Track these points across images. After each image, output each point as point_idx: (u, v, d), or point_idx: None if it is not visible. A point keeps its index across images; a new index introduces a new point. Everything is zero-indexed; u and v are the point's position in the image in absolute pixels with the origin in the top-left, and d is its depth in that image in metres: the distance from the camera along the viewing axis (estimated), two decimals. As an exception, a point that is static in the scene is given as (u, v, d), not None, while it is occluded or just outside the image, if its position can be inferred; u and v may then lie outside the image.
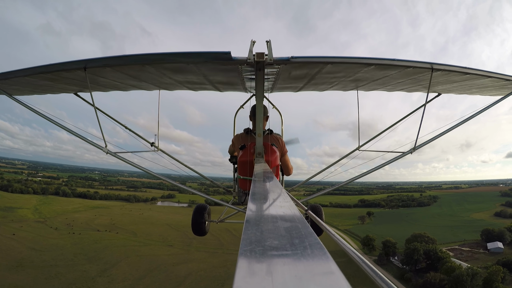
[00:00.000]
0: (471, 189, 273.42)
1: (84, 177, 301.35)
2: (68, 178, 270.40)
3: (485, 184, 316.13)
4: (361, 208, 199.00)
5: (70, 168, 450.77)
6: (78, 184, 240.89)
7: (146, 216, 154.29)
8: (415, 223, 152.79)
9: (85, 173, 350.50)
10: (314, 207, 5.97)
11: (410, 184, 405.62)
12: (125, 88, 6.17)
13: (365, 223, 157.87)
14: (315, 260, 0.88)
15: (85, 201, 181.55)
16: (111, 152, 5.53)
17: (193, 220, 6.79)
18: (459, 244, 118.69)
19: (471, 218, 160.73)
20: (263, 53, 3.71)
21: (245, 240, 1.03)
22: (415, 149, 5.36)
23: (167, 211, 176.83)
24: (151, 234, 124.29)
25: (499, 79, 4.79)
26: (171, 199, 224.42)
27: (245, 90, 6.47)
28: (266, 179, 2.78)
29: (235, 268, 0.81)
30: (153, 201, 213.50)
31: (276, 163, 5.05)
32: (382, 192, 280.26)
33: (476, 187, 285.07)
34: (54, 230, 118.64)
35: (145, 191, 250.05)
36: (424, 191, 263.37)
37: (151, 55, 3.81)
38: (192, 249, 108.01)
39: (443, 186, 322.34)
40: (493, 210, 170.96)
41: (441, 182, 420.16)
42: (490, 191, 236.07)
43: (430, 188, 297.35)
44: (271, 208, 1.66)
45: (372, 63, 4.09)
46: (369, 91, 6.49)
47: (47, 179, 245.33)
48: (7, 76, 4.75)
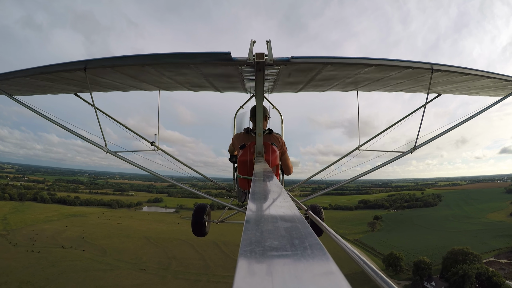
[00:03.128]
0: (469, 185, 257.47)
1: (72, 180, 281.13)
2: (54, 181, 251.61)
3: (481, 180, 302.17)
4: (364, 211, 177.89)
5: (61, 170, 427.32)
6: (62, 188, 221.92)
7: (124, 227, 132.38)
8: (432, 228, 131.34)
9: (75, 176, 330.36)
10: (314, 207, 5.70)
11: (405, 181, 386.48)
12: (125, 89, 6.04)
13: (376, 230, 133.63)
14: (315, 261, 0.86)
15: (63, 208, 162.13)
16: (111, 152, 5.38)
17: (193, 221, 6.39)
18: (493, 254, 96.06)
19: (489, 219, 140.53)
20: (263, 53, 3.60)
21: (245, 240, 1.01)
22: (415, 149, 5.26)
23: (151, 218, 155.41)
24: (123, 251, 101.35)
25: (499, 79, 4.68)
26: (158, 204, 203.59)
27: (245, 90, 6.29)
28: (266, 178, 2.75)
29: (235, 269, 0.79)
30: (138, 206, 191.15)
31: (276, 162, 4.87)
32: (380, 191, 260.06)
33: (474, 184, 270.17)
34: (12, 246, 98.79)
35: (132, 195, 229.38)
36: (423, 189, 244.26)
37: (151, 55, 3.75)
38: (169, 275, 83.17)
39: (440, 183, 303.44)
40: (506, 209, 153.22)
41: (437, 179, 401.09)
42: (491, 187, 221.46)
43: (427, 186, 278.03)
44: (271, 208, 1.63)
45: (372, 64, 3.99)
46: (369, 91, 6.33)
47: (31, 183, 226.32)
48: (7, 77, 4.64)
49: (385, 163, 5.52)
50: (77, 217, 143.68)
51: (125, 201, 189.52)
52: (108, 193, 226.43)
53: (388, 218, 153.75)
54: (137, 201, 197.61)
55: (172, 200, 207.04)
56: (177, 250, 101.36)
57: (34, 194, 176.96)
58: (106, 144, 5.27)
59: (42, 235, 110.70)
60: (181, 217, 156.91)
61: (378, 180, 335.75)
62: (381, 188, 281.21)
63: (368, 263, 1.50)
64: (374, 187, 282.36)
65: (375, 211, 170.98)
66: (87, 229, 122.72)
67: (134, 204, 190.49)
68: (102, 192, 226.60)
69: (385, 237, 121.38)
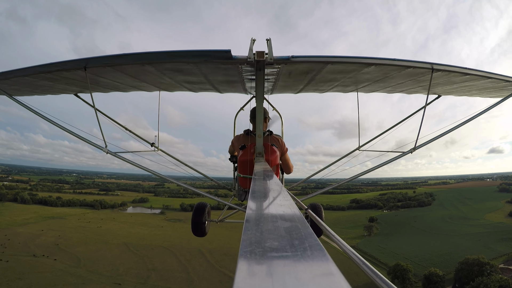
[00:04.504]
0: (460, 184, 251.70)
1: (57, 180, 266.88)
2: (39, 181, 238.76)
3: (471, 179, 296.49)
4: (357, 211, 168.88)
5: (48, 171, 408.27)
6: (45, 188, 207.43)
7: (104, 231, 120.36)
8: (430, 231, 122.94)
9: (62, 176, 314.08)
10: (314, 206, 5.58)
11: (395, 180, 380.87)
12: (125, 89, 6.01)
13: (373, 234, 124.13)
14: (315, 261, 0.85)
15: (43, 209, 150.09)
16: (111, 152, 5.32)
17: (193, 221, 6.13)
18: (502, 261, 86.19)
19: (488, 220, 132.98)
20: (263, 52, 3.57)
21: (245, 241, 1.00)
22: (415, 149, 5.28)
23: (134, 220, 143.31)
24: (99, 261, 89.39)
25: (499, 80, 4.64)
26: (143, 204, 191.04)
27: (245, 91, 6.25)
28: (266, 177, 2.76)
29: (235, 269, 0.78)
30: (122, 207, 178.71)
31: (276, 162, 4.94)
32: (371, 189, 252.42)
33: (464, 182, 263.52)
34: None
35: (118, 195, 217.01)
36: (414, 188, 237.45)
37: (151, 53, 3.71)
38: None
39: (430, 182, 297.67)
40: (503, 209, 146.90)
41: (426, 178, 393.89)
42: (482, 186, 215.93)
43: (418, 184, 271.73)
44: (271, 207, 1.61)
45: (372, 63, 3.97)
46: (369, 92, 6.31)
47: (14, 183, 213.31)
48: (7, 76, 4.59)
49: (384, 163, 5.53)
50: (55, 220, 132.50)
51: (109, 202, 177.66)
52: (93, 193, 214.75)
53: (383, 219, 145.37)
54: (122, 202, 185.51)
55: (158, 200, 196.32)
56: (158, 260, 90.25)
57: (15, 194, 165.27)
58: (106, 145, 5.20)
59: (14, 241, 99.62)
60: (166, 219, 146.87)
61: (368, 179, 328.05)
62: (372, 186, 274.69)
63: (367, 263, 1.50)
64: (364, 186, 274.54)
65: (368, 212, 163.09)
66: (64, 234, 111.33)
67: (118, 204, 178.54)
68: (87, 192, 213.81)
69: (383, 242, 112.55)
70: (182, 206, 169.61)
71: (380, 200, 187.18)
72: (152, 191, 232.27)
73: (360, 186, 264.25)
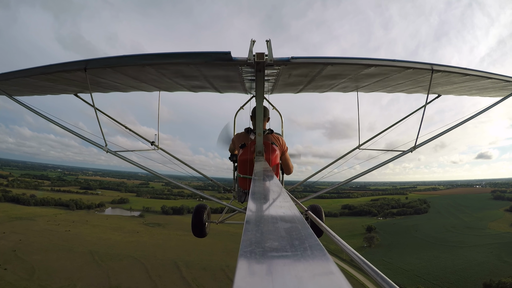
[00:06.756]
0: (449, 190, 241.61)
1: (39, 175, 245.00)
2: (19, 176, 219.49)
3: (459, 185, 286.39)
4: (351, 218, 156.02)
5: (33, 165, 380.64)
6: (22, 185, 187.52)
7: (71, 236, 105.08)
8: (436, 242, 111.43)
9: (46, 171, 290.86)
10: (314, 207, 5.55)
11: (382, 184, 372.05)
12: (125, 89, 5.92)
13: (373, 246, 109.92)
14: (315, 261, 0.84)
15: (13, 208, 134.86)
16: (111, 151, 5.24)
17: (193, 222, 6.11)
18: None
19: (493, 230, 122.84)
20: (263, 53, 3.50)
21: (245, 241, 0.99)
22: (415, 148, 5.17)
23: (108, 224, 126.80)
24: (56, 272, 75.29)
25: (499, 80, 4.57)
26: (122, 205, 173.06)
27: (245, 91, 6.18)
28: (266, 178, 2.71)
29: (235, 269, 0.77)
30: (99, 208, 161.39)
31: (276, 161, 4.87)
32: (361, 194, 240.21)
33: (453, 189, 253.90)
34: None
35: (98, 194, 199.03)
36: (405, 193, 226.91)
37: (151, 55, 3.65)
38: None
39: (419, 187, 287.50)
40: (504, 218, 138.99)
41: (414, 183, 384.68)
42: (472, 193, 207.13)
43: (407, 189, 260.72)
44: (271, 208, 1.60)
45: (372, 64, 3.90)
46: (369, 92, 6.23)
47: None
48: (7, 77, 4.51)
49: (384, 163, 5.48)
50: (23, 221, 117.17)
51: (86, 202, 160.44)
52: (71, 191, 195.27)
53: (381, 228, 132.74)
54: (100, 202, 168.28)
55: (139, 201, 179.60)
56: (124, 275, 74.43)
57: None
58: (106, 144, 5.14)
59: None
60: (144, 223, 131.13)
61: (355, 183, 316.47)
62: (362, 191, 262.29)
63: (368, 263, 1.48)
64: (354, 190, 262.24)
65: (363, 219, 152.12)
66: (26, 238, 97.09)
67: (95, 205, 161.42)
68: (65, 190, 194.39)
69: (387, 255, 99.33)
70: (163, 209, 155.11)
71: (373, 206, 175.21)
72: (135, 191, 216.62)
73: (349, 191, 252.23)
